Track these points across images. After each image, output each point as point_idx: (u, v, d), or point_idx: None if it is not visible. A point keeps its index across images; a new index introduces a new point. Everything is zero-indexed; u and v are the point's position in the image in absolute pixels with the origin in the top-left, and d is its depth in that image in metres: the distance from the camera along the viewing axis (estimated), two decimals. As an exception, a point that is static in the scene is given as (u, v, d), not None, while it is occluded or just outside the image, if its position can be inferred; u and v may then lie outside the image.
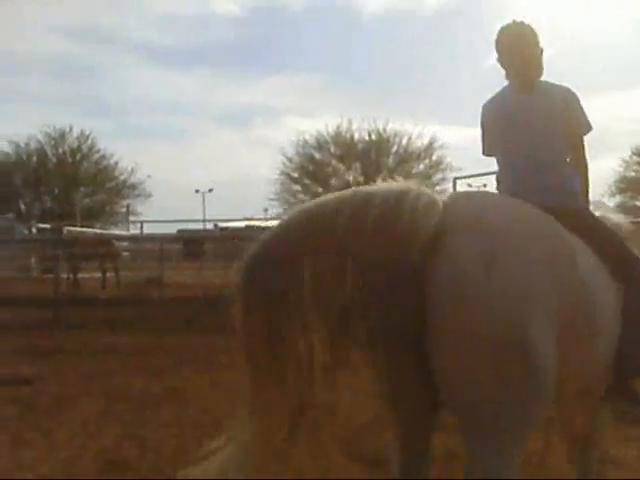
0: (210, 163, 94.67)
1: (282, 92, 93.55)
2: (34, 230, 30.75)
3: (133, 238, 26.42)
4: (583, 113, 3.57)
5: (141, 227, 22.05)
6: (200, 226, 26.42)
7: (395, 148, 31.56)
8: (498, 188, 3.59)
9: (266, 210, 34.21)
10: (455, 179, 15.48)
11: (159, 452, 5.24)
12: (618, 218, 3.84)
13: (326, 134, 31.76)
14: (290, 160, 31.81)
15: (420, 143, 31.18)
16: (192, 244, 26.02)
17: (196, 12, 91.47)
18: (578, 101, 3.55)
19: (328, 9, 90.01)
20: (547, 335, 2.30)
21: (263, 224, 31.64)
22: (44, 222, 28.25)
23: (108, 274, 20.54)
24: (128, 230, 31.48)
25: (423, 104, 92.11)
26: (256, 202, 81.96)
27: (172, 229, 29.14)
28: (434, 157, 31.23)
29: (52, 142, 40.80)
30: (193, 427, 5.87)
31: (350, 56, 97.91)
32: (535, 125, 3.39)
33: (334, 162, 31.95)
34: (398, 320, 2.37)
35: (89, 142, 41.16)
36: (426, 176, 31.18)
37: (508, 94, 3.59)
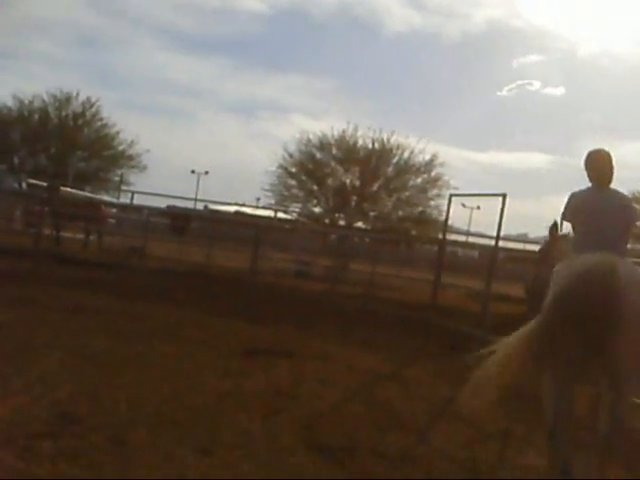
0: (211, 148, 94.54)
1: (293, 91, 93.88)
2: (24, 185, 30.60)
3: (122, 206, 26.31)
4: (635, 210, 5.58)
5: (131, 197, 21.96)
6: (191, 205, 26.31)
7: (396, 159, 31.45)
8: (574, 248, 5.29)
9: (258, 199, 34.20)
10: (451, 196, 15.43)
11: (112, 412, 5.18)
12: None
13: (330, 136, 31.70)
14: (291, 156, 31.72)
15: (421, 158, 31.10)
16: (179, 220, 25.98)
17: (224, 4, 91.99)
18: (631, 202, 5.84)
19: (351, 20, 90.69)
20: None
21: (253, 212, 31.69)
22: (36, 179, 27.98)
23: (92, 237, 20.43)
24: (118, 198, 31.28)
25: (429, 122, 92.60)
26: (250, 191, 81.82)
27: (162, 204, 29.04)
28: (433, 173, 31.15)
29: (56, 104, 40.56)
30: (151, 393, 5.82)
31: (366, 67, 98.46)
32: (608, 215, 5.15)
33: (334, 164, 31.87)
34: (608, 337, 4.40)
35: (93, 109, 40.95)
36: (422, 190, 31.14)
37: (593, 191, 5.38)
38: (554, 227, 6.90)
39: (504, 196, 12.12)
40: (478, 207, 50.59)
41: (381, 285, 18.62)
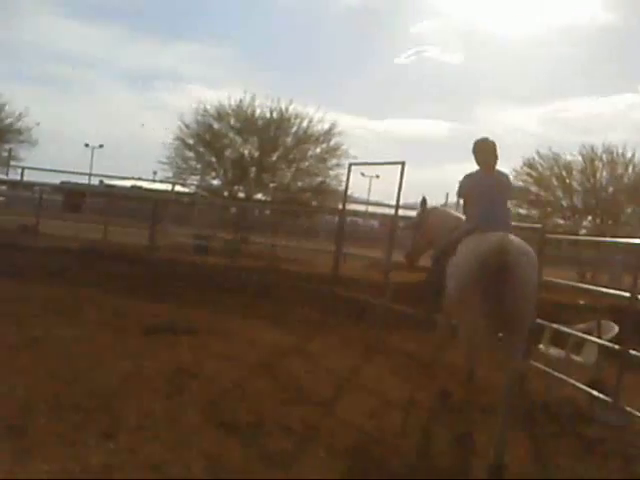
0: (105, 120, 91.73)
1: (190, 60, 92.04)
2: None
3: (11, 183, 25.28)
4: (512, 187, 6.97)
5: (22, 173, 21.04)
6: (85, 180, 25.52)
7: (295, 129, 31.30)
8: (469, 220, 6.40)
9: (155, 173, 33.50)
10: (350, 165, 15.47)
11: (8, 399, 5.03)
12: None
13: (228, 106, 31.27)
14: (187, 127, 31.03)
15: (320, 127, 31.01)
16: (74, 197, 25.23)
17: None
18: (510, 180, 6.92)
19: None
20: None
21: (150, 186, 31.06)
22: None
23: (-21, 216, 19.62)
24: (7, 175, 30.02)
25: (328, 91, 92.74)
26: (146, 164, 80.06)
27: (55, 180, 28.06)
28: (332, 142, 31.18)
29: None
30: (49, 377, 5.66)
31: (265, 36, 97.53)
32: (493, 191, 6.29)
33: (232, 134, 31.44)
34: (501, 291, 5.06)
35: (-24, 79, 39.24)
36: (322, 160, 31.17)
37: (481, 174, 6.45)
38: (424, 201, 7.55)
39: (403, 164, 12.23)
40: (377, 176, 51.23)
41: (283, 258, 18.64)
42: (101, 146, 60.55)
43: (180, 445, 4.56)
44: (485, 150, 6.49)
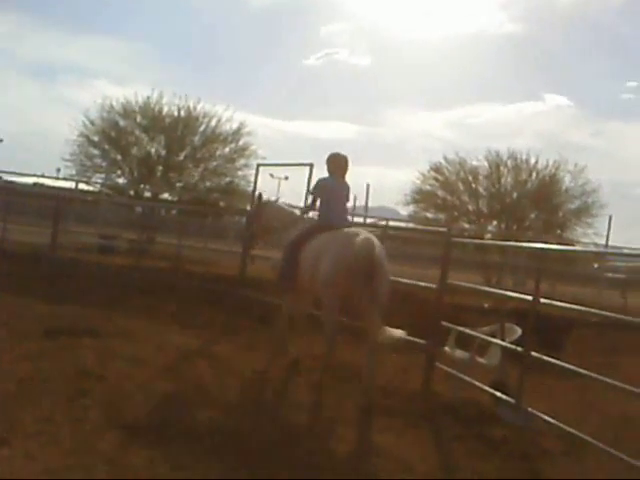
0: (6, 114, 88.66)
1: (97, 54, 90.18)
2: None
3: None
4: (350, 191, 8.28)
5: None
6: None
7: (203, 127, 30.97)
8: (320, 215, 8.01)
9: (59, 170, 32.53)
10: (258, 165, 15.47)
11: None
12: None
13: (134, 103, 30.70)
14: (92, 123, 30.24)
15: (229, 127, 30.82)
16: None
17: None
18: (349, 187, 8.21)
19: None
20: None
21: (53, 184, 30.17)
22: None
23: None
24: None
25: (237, 91, 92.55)
26: (49, 161, 77.88)
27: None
28: (240, 142, 31.03)
29: None
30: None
31: (175, 34, 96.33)
32: (342, 195, 7.99)
33: (138, 132, 30.86)
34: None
35: None
36: (230, 160, 30.96)
37: (334, 180, 7.97)
38: (260, 196, 9.22)
39: (311, 166, 12.35)
40: (286, 177, 51.44)
41: (189, 258, 18.44)
42: (1, 141, 58.50)
43: (81, 449, 4.44)
44: (338, 162, 8.06)
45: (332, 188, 7.87)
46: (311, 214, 8.49)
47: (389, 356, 8.52)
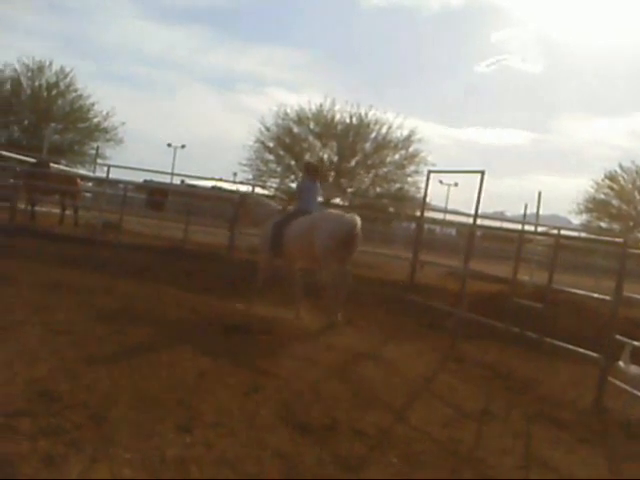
0: (187, 121, 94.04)
1: (272, 63, 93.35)
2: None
3: (98, 180, 26.00)
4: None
5: (107, 171, 21.55)
6: (167, 179, 26.07)
7: (374, 134, 31.35)
8: (299, 206, 10.65)
9: (235, 174, 33.96)
10: (429, 172, 15.38)
11: (91, 389, 5.17)
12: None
13: (308, 110, 31.55)
14: (268, 129, 31.47)
15: (399, 134, 31.00)
16: (156, 195, 25.63)
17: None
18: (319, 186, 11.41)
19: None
20: None
21: (230, 187, 31.45)
22: (9, 151, 27.44)
23: (67, 212, 20.17)
24: (94, 172, 30.88)
25: (408, 97, 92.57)
26: (226, 165, 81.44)
27: (138, 178, 28.75)
28: (411, 149, 31.09)
29: (29, 74, 39.74)
30: (129, 369, 5.81)
31: (347, 40, 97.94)
32: (316, 190, 10.96)
33: (311, 138, 31.73)
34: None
35: (67, 80, 39.97)
36: (400, 166, 31.12)
37: (311, 180, 10.84)
38: (244, 195, 12.67)
39: (482, 173, 12.12)
40: (456, 184, 50.93)
41: (358, 263, 18.57)
42: (183, 146, 61.90)
43: (254, 443, 4.61)
44: (313, 168, 11.44)
45: (309, 186, 10.78)
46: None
47: (561, 367, 8.23)
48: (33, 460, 3.79)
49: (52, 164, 21.98)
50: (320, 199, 29.99)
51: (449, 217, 23.53)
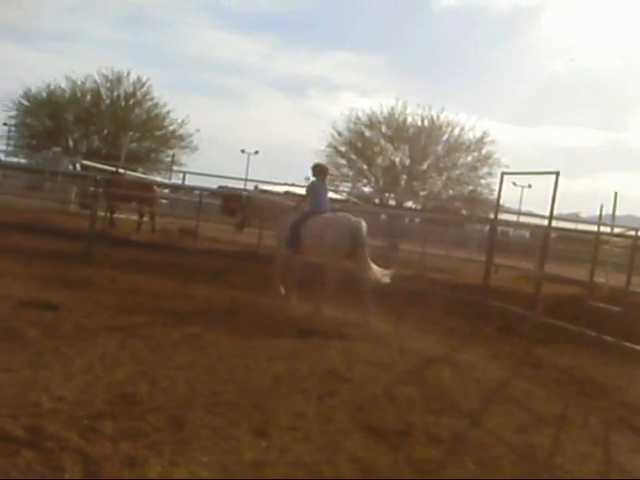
0: (260, 127, 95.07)
1: (343, 68, 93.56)
2: (78, 166, 30.92)
3: (174, 187, 26.55)
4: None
5: (183, 178, 22.07)
6: (241, 185, 26.33)
7: (446, 137, 31.05)
8: (312, 207, 10.91)
9: (307, 179, 34.07)
10: (503, 174, 15.13)
11: (169, 392, 5.30)
12: None
13: (379, 114, 31.49)
14: (340, 134, 31.56)
15: (471, 135, 30.64)
16: (231, 201, 25.90)
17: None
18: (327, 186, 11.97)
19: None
20: None
21: (302, 192, 31.61)
22: (90, 160, 28.27)
23: (144, 218, 20.67)
24: (170, 179, 31.55)
25: (480, 98, 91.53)
26: (299, 170, 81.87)
27: (213, 184, 29.16)
28: (483, 151, 30.71)
29: (108, 84, 40.75)
30: (206, 373, 5.93)
31: (418, 43, 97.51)
32: (325, 191, 11.36)
33: (383, 142, 31.63)
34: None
35: (144, 89, 40.96)
36: (473, 168, 30.77)
37: (320, 180, 11.22)
38: (250, 197, 12.59)
39: (557, 174, 11.87)
40: (529, 186, 49.95)
41: (432, 266, 18.50)
42: (256, 152, 62.50)
43: (329, 447, 4.64)
44: (322, 169, 11.54)
45: (320, 187, 11.18)
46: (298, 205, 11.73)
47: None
48: (115, 461, 3.91)
49: (129, 172, 22.52)
50: (393, 202, 30.29)
51: (523, 219, 23.14)
